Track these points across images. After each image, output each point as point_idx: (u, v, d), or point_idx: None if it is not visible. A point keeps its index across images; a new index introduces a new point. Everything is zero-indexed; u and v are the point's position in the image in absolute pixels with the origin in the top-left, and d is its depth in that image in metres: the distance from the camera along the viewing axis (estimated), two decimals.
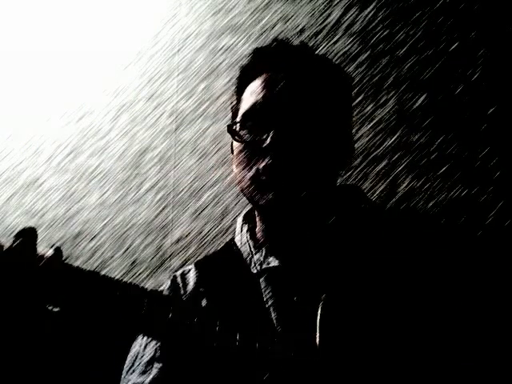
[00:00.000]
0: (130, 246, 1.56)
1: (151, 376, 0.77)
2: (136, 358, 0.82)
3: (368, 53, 1.44)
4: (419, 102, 1.36)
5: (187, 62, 1.67)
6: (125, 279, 0.71)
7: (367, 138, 1.37)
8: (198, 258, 0.98)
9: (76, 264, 0.70)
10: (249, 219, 0.88)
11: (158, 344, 0.79)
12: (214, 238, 1.49)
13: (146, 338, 0.82)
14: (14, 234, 0.66)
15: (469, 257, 0.77)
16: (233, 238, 0.90)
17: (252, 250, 0.83)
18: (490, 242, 1.05)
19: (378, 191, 1.31)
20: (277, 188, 0.74)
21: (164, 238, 1.55)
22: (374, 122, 1.38)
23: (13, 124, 1.81)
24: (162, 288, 0.91)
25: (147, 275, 1.51)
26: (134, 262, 1.54)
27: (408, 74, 1.39)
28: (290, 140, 0.75)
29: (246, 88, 0.84)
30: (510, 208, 1.22)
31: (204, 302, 0.79)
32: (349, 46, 1.46)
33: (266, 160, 0.75)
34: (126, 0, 1.78)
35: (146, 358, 0.80)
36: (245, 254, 0.84)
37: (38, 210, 1.69)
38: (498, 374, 0.68)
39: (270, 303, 0.75)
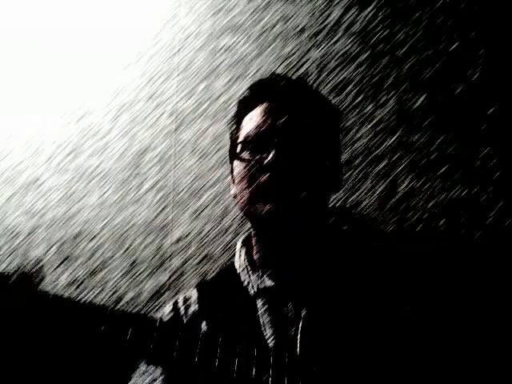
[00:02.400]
0: (130, 245, 1.56)
1: None
2: None
3: (368, 53, 1.44)
4: (419, 102, 1.36)
5: (187, 61, 1.67)
6: (125, 279, 0.72)
7: (367, 138, 1.37)
8: (200, 281, 1.10)
9: (76, 264, 0.71)
10: (247, 244, 0.95)
11: (159, 373, 0.86)
12: (214, 238, 1.49)
13: (143, 369, 0.88)
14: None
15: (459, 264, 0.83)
16: (232, 262, 0.97)
17: (250, 273, 0.89)
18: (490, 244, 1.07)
19: (378, 191, 1.31)
20: (276, 199, 0.81)
21: (164, 237, 1.55)
22: (374, 122, 1.38)
23: (13, 124, 1.81)
24: (163, 310, 0.98)
25: (147, 275, 1.51)
26: (133, 262, 1.54)
27: (408, 74, 1.39)
28: (289, 158, 0.82)
29: (244, 117, 0.92)
30: (510, 208, 1.22)
31: (204, 324, 0.86)
32: (349, 46, 1.46)
33: (267, 175, 0.82)
34: (126, 0, 1.79)
35: None
36: (242, 277, 0.90)
37: (37, 210, 1.69)
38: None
39: (265, 321, 0.82)
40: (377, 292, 0.78)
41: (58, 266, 1.60)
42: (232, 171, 0.94)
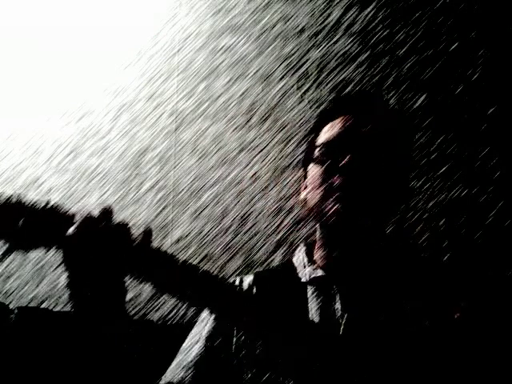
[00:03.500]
0: None
1: (196, 351, 0.89)
2: (191, 336, 0.93)
3: (368, 53, 1.44)
4: (419, 102, 1.36)
5: (187, 61, 1.67)
6: (124, 279, 0.73)
7: None
8: (257, 270, 1.08)
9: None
10: (308, 246, 1.00)
11: (211, 325, 0.91)
12: (214, 238, 1.49)
13: (202, 317, 0.94)
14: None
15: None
16: (290, 259, 1.01)
17: (306, 264, 0.94)
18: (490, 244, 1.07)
19: None
20: (347, 201, 0.84)
21: (164, 238, 1.55)
22: None
23: (13, 124, 1.81)
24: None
25: None
26: None
27: (408, 73, 1.39)
28: (364, 163, 0.86)
29: (325, 125, 0.96)
30: (510, 208, 1.22)
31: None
32: (349, 46, 1.46)
33: (341, 178, 0.86)
34: (126, 0, 1.79)
35: (195, 338, 0.92)
36: (298, 269, 0.95)
37: None
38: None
39: (313, 308, 0.86)
40: (422, 305, 0.81)
41: (58, 266, 1.60)
42: (305, 177, 0.99)
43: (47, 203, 0.69)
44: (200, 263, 1.49)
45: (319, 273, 0.91)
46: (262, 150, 1.50)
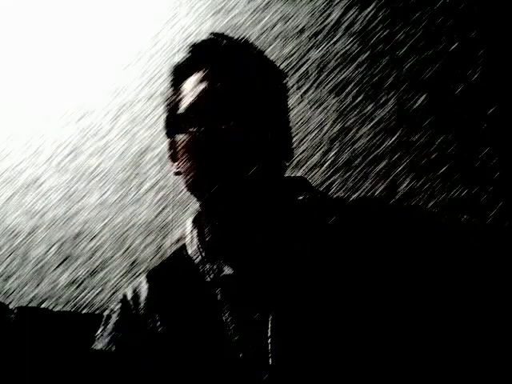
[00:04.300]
0: (130, 245, 1.56)
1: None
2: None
3: (368, 53, 1.44)
4: (419, 102, 1.36)
5: None
6: (125, 279, 0.72)
7: (367, 138, 1.37)
8: (149, 268, 0.94)
9: (76, 264, 0.70)
10: (198, 225, 0.86)
11: None
12: None
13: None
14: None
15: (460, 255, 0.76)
16: (183, 245, 0.87)
17: (204, 257, 0.80)
18: (490, 242, 1.05)
19: (378, 191, 1.31)
20: (229, 173, 0.74)
21: (164, 237, 1.55)
22: (374, 122, 1.38)
23: (13, 124, 1.81)
24: (111, 307, 0.87)
25: None
26: (133, 262, 1.54)
27: (408, 73, 1.39)
28: (235, 130, 0.74)
29: (183, 84, 0.83)
30: (510, 208, 1.22)
31: (157, 317, 0.78)
32: (349, 46, 1.46)
33: (213, 150, 0.74)
34: (126, 0, 1.79)
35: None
36: (197, 262, 0.81)
37: (37, 210, 1.69)
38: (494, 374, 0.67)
39: (227, 318, 0.73)
40: (350, 279, 0.69)
41: (58, 266, 1.60)
42: (171, 147, 0.86)
43: None
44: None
45: (225, 270, 0.76)
46: None
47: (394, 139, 1.35)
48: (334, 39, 1.49)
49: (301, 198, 0.81)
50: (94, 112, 1.73)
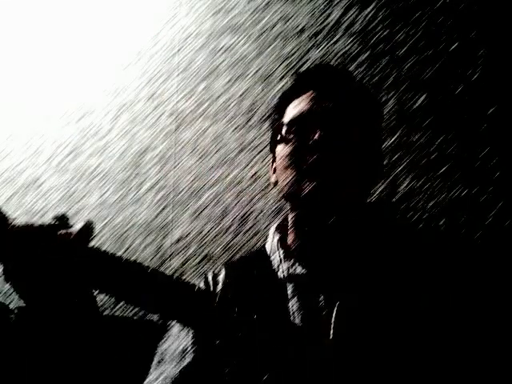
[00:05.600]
0: (130, 246, 1.56)
1: (185, 363, 0.83)
2: (167, 350, 0.87)
3: (368, 53, 1.44)
4: (419, 102, 1.36)
5: (187, 61, 1.67)
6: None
7: None
8: (227, 261, 1.06)
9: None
10: (281, 230, 0.94)
11: (191, 339, 0.85)
12: (214, 238, 1.49)
13: (176, 332, 0.87)
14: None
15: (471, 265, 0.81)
16: (263, 245, 0.95)
17: (281, 257, 0.88)
18: (490, 244, 1.06)
19: (378, 191, 1.31)
20: (323, 176, 0.80)
21: (164, 237, 1.55)
22: None
23: (13, 124, 1.81)
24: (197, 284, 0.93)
25: None
26: None
27: (408, 73, 1.39)
28: (335, 139, 0.82)
29: (288, 105, 0.92)
30: (510, 208, 1.22)
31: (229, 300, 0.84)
32: (349, 46, 1.46)
33: (314, 154, 0.81)
34: (126, 0, 1.79)
35: (179, 350, 0.85)
36: (274, 261, 0.89)
37: (38, 210, 1.69)
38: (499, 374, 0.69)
39: (294, 308, 0.81)
40: (412, 289, 0.76)
41: None
42: (273, 161, 0.94)
43: None
44: (200, 263, 1.49)
45: (298, 269, 0.85)
46: (261, 150, 1.50)
47: (394, 139, 1.35)
48: (334, 39, 1.49)
49: (383, 219, 0.92)
50: (94, 112, 1.73)
